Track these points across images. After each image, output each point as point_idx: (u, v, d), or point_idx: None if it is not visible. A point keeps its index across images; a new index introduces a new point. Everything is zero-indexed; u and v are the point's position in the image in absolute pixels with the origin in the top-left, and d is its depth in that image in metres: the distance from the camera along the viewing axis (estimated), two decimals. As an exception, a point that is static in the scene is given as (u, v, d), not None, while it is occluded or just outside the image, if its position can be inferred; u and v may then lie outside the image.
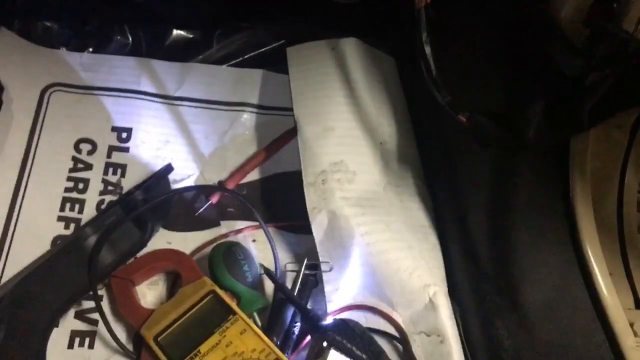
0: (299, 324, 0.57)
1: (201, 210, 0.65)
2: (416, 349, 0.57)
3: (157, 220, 0.63)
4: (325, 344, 0.50)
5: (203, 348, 0.51)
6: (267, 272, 0.58)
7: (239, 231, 0.64)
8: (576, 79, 0.48)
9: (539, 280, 0.53)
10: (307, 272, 0.59)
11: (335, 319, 0.54)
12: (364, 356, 0.50)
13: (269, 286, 0.61)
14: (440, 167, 0.67)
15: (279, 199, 0.68)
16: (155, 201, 0.61)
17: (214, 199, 0.66)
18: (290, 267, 0.61)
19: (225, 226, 0.65)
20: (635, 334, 0.51)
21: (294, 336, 0.56)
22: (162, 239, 0.63)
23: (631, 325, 0.51)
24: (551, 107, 0.48)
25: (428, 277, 0.58)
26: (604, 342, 0.50)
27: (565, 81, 0.49)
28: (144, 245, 0.61)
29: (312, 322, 0.53)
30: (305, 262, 0.59)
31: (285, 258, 0.63)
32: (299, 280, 0.59)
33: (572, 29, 0.47)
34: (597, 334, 0.51)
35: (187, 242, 0.63)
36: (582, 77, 0.48)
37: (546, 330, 0.53)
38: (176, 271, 0.59)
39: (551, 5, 0.48)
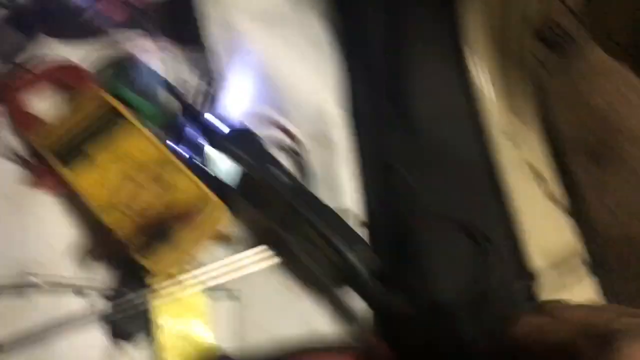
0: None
1: (89, 16, 0.61)
2: (310, 158, 0.59)
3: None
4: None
5: (94, 151, 0.52)
6: (164, 82, 0.57)
7: (133, 43, 0.61)
8: None
9: (426, 91, 0.55)
10: (204, 85, 0.59)
11: (230, 128, 0.54)
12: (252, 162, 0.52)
13: (169, 103, 0.60)
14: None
15: (178, 15, 0.65)
16: None
17: (103, 5, 0.62)
18: (187, 80, 0.61)
19: (118, 36, 0.61)
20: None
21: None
22: (49, 49, 0.59)
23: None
24: None
25: (322, 88, 0.59)
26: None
27: None
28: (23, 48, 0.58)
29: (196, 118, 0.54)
30: (202, 75, 0.59)
31: (182, 73, 0.61)
32: (198, 93, 0.58)
33: None
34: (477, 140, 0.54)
35: (77, 52, 0.60)
36: None
37: (431, 140, 0.56)
38: (68, 83, 0.57)
39: None
